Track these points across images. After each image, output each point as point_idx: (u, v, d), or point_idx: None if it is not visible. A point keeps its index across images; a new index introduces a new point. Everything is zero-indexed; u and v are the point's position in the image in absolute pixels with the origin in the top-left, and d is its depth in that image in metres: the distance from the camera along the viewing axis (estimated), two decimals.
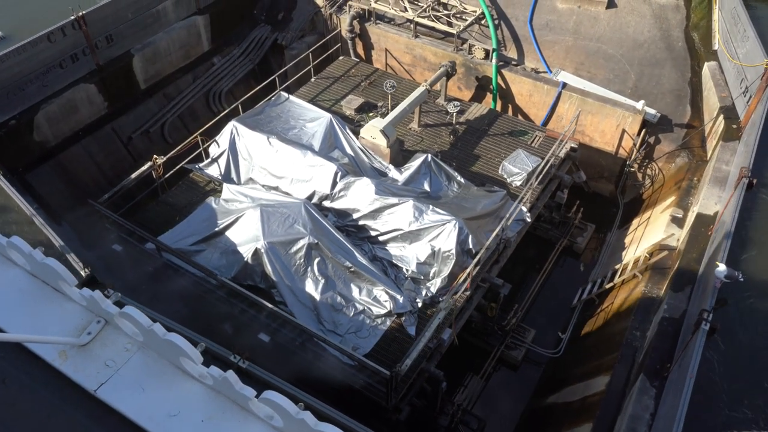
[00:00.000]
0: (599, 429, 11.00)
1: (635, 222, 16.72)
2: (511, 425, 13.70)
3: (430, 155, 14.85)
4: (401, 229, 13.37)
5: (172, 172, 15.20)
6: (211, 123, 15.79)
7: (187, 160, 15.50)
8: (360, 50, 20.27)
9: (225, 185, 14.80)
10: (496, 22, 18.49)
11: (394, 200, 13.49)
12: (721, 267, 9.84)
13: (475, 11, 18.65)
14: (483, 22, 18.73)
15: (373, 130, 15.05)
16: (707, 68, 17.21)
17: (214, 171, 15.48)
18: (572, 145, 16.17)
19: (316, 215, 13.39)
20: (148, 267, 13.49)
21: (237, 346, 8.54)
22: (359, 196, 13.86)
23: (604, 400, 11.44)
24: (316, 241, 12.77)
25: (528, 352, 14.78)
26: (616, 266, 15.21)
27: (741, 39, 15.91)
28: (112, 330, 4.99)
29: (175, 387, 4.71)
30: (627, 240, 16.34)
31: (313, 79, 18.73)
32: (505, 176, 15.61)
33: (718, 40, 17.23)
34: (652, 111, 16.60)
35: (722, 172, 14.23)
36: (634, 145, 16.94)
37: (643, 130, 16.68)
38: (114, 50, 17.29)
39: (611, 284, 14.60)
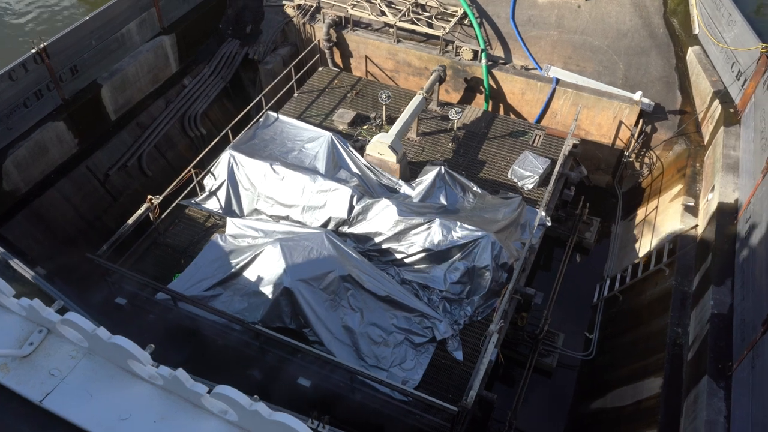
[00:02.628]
0: None
1: (641, 212, 16.77)
2: None
3: (443, 167, 14.31)
4: (430, 250, 12.80)
5: (168, 210, 14.04)
6: (203, 153, 14.67)
7: (182, 195, 14.36)
8: (338, 59, 19.45)
9: (229, 220, 13.82)
10: (479, 20, 18.08)
11: (419, 220, 12.90)
12: None
13: (457, 11, 18.17)
14: (465, 21, 18.28)
15: (380, 146, 14.37)
16: (692, 53, 17.39)
17: (213, 205, 14.44)
18: (575, 141, 16.00)
19: (341, 245, 12.64)
20: (164, 320, 12.41)
21: (315, 412, 7.81)
22: (380, 219, 13.18)
23: (663, 404, 11.29)
24: (347, 273, 12.04)
25: (560, 357, 14.55)
26: (635, 260, 15.18)
27: (727, 23, 16.10)
28: (55, 338, 4.97)
29: (125, 390, 4.68)
30: (637, 231, 16.35)
31: (296, 94, 17.81)
32: (516, 180, 15.29)
33: (698, 24, 17.43)
34: (647, 100, 16.66)
35: (732, 158, 14.36)
36: (632, 135, 16.97)
37: (641, 121, 16.70)
38: (80, 82, 15.83)
39: (635, 279, 14.52)
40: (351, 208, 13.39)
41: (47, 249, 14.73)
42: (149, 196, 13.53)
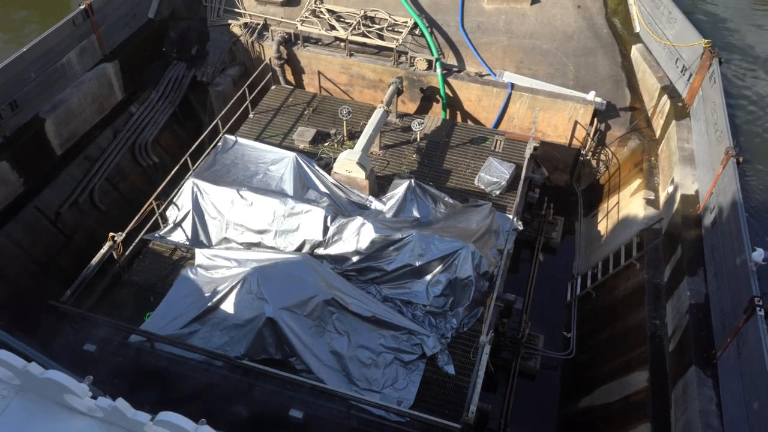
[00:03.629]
0: (658, 428, 11.08)
1: (603, 208, 17.20)
2: None
3: (413, 180, 14.23)
4: (411, 265, 12.66)
5: (132, 246, 13.35)
6: (163, 184, 14.03)
7: (145, 230, 13.70)
8: (290, 76, 19.10)
9: (198, 251, 13.29)
10: (429, 30, 18.14)
11: (397, 236, 12.75)
12: (758, 251, 10.18)
13: (407, 22, 18.18)
14: (416, 31, 18.31)
15: (347, 164, 14.15)
16: (635, 51, 18.03)
17: (178, 237, 13.85)
18: (535, 144, 16.24)
19: (321, 268, 12.34)
20: (139, 363, 11.77)
21: None
22: (356, 238, 12.95)
23: (651, 398, 11.54)
24: (330, 296, 11.75)
25: (542, 359, 14.68)
26: (603, 256, 15.51)
27: (667, 21, 16.76)
28: None
29: (63, 426, 4.48)
30: (601, 228, 16.76)
31: (251, 115, 17.36)
32: (483, 187, 15.37)
33: (639, 23, 18.09)
34: (599, 99, 17.11)
35: (687, 151, 14.92)
36: (588, 134, 17.39)
37: (595, 119, 17.15)
38: (21, 117, 14.90)
39: (606, 275, 14.83)
40: (326, 229, 13.10)
41: (2, 301, 13.76)
42: (111, 234, 12.82)
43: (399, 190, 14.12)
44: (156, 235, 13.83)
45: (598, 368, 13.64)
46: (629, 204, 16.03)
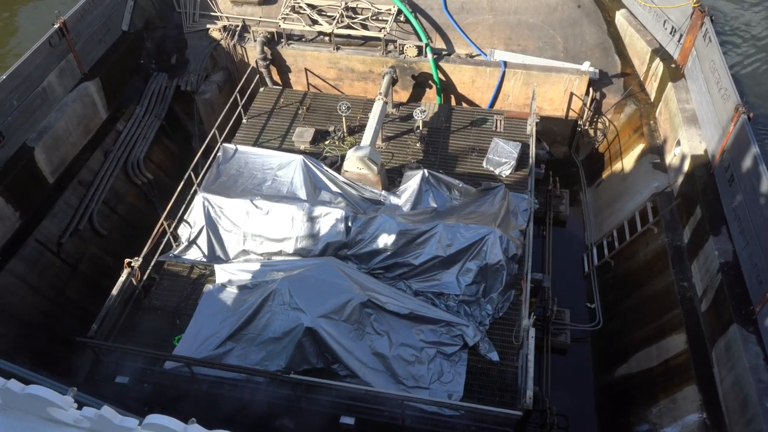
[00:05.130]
0: (705, 388, 11.23)
1: (607, 177, 17.31)
2: (589, 408, 13.66)
3: (426, 170, 14.03)
4: (440, 256, 12.53)
5: (149, 270, 12.89)
6: (171, 203, 13.50)
7: (159, 251, 13.24)
8: (276, 76, 18.63)
9: (218, 267, 12.93)
10: (413, 15, 17.86)
11: (422, 228, 12.58)
12: None
13: (390, 9, 17.86)
14: (401, 18, 18.01)
15: (357, 161, 13.87)
16: (619, 17, 18.09)
17: (194, 254, 13.44)
18: (536, 120, 16.20)
19: (349, 270, 12.12)
20: (175, 388, 11.41)
21: None
22: (380, 236, 12.74)
23: (694, 359, 11.67)
24: (366, 298, 11.55)
25: (571, 333, 14.74)
26: (615, 224, 15.62)
27: None
28: None
29: None
30: (607, 196, 16.86)
31: (245, 120, 16.89)
32: (492, 169, 15.30)
33: None
34: (592, 69, 17.12)
35: (688, 112, 15.05)
36: (584, 104, 17.43)
37: (590, 89, 17.18)
38: (9, 149, 14.17)
39: (623, 243, 14.93)
40: (348, 229, 12.85)
41: (14, 341, 13.18)
42: (127, 260, 12.34)
43: (412, 181, 13.91)
44: (171, 255, 13.39)
45: (629, 336, 13.76)
46: (635, 170, 16.14)
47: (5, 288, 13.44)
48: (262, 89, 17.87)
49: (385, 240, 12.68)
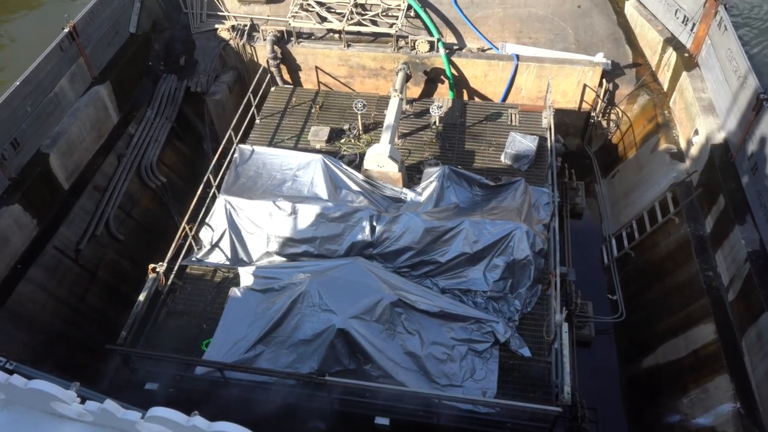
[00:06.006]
0: (737, 377, 11.26)
1: (621, 168, 17.30)
2: (616, 400, 13.69)
3: (447, 166, 13.97)
4: (466, 253, 12.47)
5: (173, 274, 12.77)
6: (191, 207, 13.35)
7: (182, 256, 13.13)
8: (286, 75, 18.49)
9: (242, 270, 12.84)
10: (423, 10, 17.75)
11: (448, 225, 12.52)
12: None
13: (399, 5, 17.74)
14: (410, 13, 17.89)
15: (378, 159, 13.79)
16: (629, 7, 18.07)
17: (217, 258, 13.33)
18: (551, 113, 16.16)
19: (377, 270, 12.06)
20: (207, 394, 11.33)
21: None
22: (406, 234, 12.67)
23: (724, 348, 11.70)
24: (396, 298, 11.49)
25: (594, 326, 14.75)
26: (634, 215, 15.62)
27: None
28: None
29: None
30: (623, 187, 16.86)
31: (258, 121, 16.75)
32: (510, 163, 15.26)
33: None
34: (605, 60, 17.09)
35: (705, 101, 15.04)
36: (597, 96, 17.41)
37: (604, 80, 17.15)
38: (24, 156, 14.01)
39: (644, 234, 14.92)
40: (373, 228, 12.78)
41: (37, 350, 13.07)
42: (151, 266, 12.23)
43: (434, 178, 13.84)
44: (193, 259, 13.27)
45: (654, 327, 13.78)
46: (651, 160, 16.14)
47: (26, 297, 13.30)
48: (273, 89, 17.72)
49: (411, 238, 12.62)
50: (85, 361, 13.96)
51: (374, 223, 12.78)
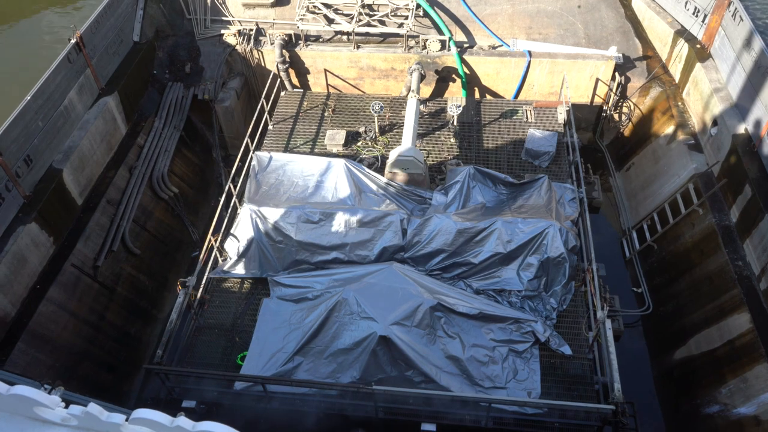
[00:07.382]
0: None
1: (636, 160, 17.31)
2: (650, 392, 13.68)
3: (472, 166, 13.84)
4: (500, 253, 12.36)
5: (201, 288, 12.47)
6: (215, 218, 13.09)
7: (209, 269, 12.83)
8: (294, 79, 18.21)
9: (271, 280, 12.60)
10: (432, 9, 17.59)
11: (481, 226, 12.39)
12: None
13: (408, 4, 17.56)
14: (419, 12, 17.72)
15: (402, 161, 13.61)
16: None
17: (244, 269, 13.05)
18: (567, 108, 16.14)
19: (413, 274, 11.89)
20: (248, 409, 11.08)
21: None
22: (438, 236, 12.51)
23: (762, 337, 11.71)
24: (435, 302, 11.34)
25: (623, 319, 14.72)
26: (655, 207, 15.63)
27: None
28: None
29: None
30: (640, 180, 16.87)
31: (271, 126, 16.47)
32: (531, 160, 15.18)
33: None
34: (618, 54, 17.08)
35: (722, 92, 15.08)
36: (610, 89, 17.40)
37: (616, 74, 17.14)
38: (37, 172, 13.61)
39: (667, 226, 14.93)
40: (404, 232, 12.61)
41: (61, 371, 12.68)
42: (180, 280, 11.95)
43: (459, 179, 13.71)
44: (221, 271, 12.98)
45: (684, 318, 13.79)
46: (668, 152, 16.15)
47: (47, 317, 12.90)
48: (283, 93, 17.45)
49: (443, 240, 12.47)
50: (109, 380, 13.63)
51: (405, 227, 12.61)
